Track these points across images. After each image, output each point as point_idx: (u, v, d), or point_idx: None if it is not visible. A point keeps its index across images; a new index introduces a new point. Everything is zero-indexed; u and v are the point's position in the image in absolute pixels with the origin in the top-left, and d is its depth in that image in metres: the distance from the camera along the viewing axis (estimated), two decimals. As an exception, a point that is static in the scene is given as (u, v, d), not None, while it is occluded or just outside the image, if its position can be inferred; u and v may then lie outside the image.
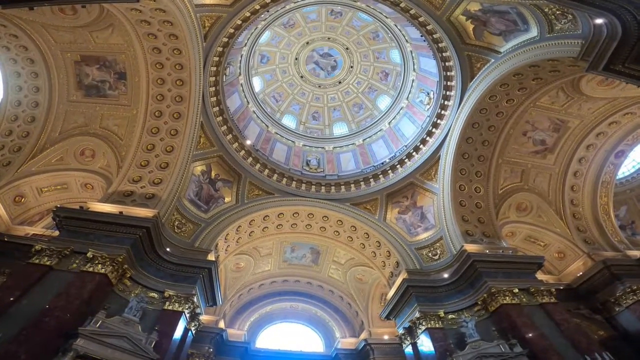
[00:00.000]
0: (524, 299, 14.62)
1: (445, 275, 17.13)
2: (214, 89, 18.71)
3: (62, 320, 11.40)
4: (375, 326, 23.98)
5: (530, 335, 13.11)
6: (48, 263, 12.56)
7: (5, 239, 15.64)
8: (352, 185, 21.62)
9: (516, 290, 14.71)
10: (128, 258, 13.54)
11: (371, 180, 21.47)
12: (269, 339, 26.68)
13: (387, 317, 19.10)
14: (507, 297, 14.56)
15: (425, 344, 15.41)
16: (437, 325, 15.41)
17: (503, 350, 12.85)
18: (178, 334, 14.47)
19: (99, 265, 12.79)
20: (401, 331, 17.60)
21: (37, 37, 15.80)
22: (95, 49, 16.39)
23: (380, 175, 21.34)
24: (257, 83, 25.34)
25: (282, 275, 25.41)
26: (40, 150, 17.27)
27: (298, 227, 21.41)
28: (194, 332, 16.48)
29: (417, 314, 16.12)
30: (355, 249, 21.82)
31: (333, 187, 21.69)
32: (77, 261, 12.81)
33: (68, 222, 13.75)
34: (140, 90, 17.25)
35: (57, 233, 13.90)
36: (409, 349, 16.91)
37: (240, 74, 22.71)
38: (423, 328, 15.65)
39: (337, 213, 20.87)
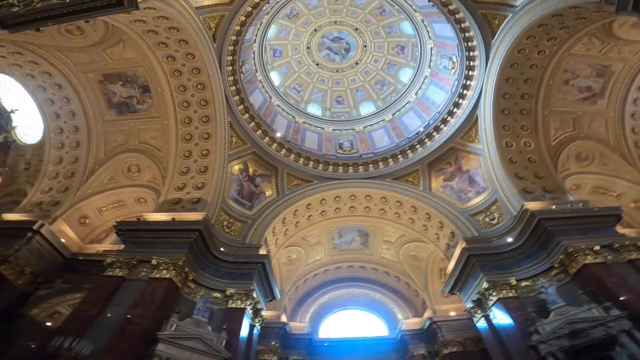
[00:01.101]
0: (609, 257, 13.34)
1: (510, 240, 16.05)
2: (234, 88, 18.99)
3: (143, 327, 12.16)
4: (438, 303, 23.36)
5: (626, 296, 11.84)
6: (120, 274, 13.60)
7: (80, 258, 17.16)
8: (390, 160, 21.21)
9: (597, 248, 13.41)
10: (187, 261, 14.22)
11: (408, 152, 20.95)
12: (331, 328, 26.96)
13: (451, 292, 18.36)
14: (589, 257, 13.29)
15: (500, 315, 14.48)
16: (510, 295, 14.37)
17: (597, 314, 11.59)
18: (245, 331, 15.03)
19: (164, 271, 13.57)
20: (469, 305, 16.78)
21: (55, 61, 16.46)
22: (114, 65, 16.97)
23: (417, 146, 20.77)
24: (275, 77, 25.58)
25: (334, 263, 25.44)
26: (92, 173, 18.40)
27: (342, 210, 21.31)
28: (259, 328, 17.08)
29: (485, 285, 15.29)
30: (404, 224, 21.35)
31: (370, 165, 21.37)
32: (144, 269, 13.75)
33: (130, 235, 14.81)
34: (166, 100, 17.77)
35: (122, 247, 14.99)
36: (481, 323, 15.98)
37: (256, 70, 22.91)
38: (494, 299, 14.73)
39: (379, 190, 20.60)
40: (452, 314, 22.12)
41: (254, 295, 15.62)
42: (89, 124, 18.41)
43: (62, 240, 17.16)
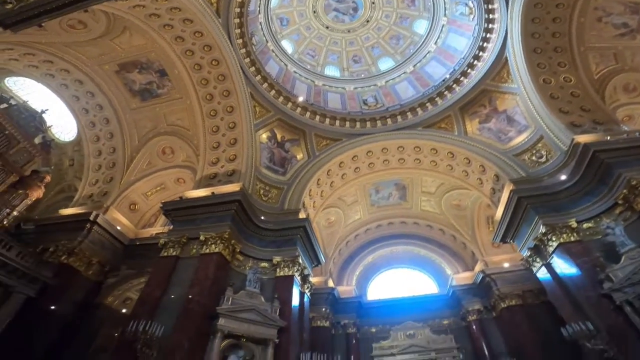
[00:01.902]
0: (680, 187, 11.82)
1: (563, 177, 14.82)
2: (248, 59, 18.94)
3: (202, 304, 12.86)
4: (489, 255, 22.40)
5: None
6: (174, 253, 14.32)
7: (137, 243, 18.44)
8: (418, 109, 20.55)
9: (664, 178, 11.91)
10: (232, 233, 14.67)
11: (437, 99, 20.24)
12: (378, 288, 27.07)
13: (503, 241, 17.30)
14: (656, 189, 11.80)
15: (563, 263, 13.38)
16: (572, 239, 13.15)
17: (675, 253, 10.38)
18: (295, 298, 15.53)
19: (213, 246, 14.08)
20: (526, 254, 15.64)
21: (68, 57, 16.77)
22: (125, 54, 17.11)
23: (446, 92, 20.05)
24: (287, 46, 25.04)
25: (374, 221, 25.31)
26: (130, 160, 19.32)
27: (375, 165, 21.04)
28: (308, 294, 17.66)
29: (542, 229, 14.20)
30: (442, 172, 20.67)
31: (399, 117, 20.81)
32: (194, 247, 14.36)
33: (176, 214, 15.46)
34: (184, 81, 17.86)
35: (171, 227, 15.67)
36: (542, 273, 14.90)
37: (267, 41, 22.44)
38: (554, 245, 13.63)
39: (411, 140, 20.06)
40: (506, 265, 21.13)
41: (300, 261, 15.96)
42: (118, 114, 18.97)
43: (118, 228, 18.45)
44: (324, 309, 22.40)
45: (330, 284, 23.35)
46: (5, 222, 16.17)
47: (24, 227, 18.05)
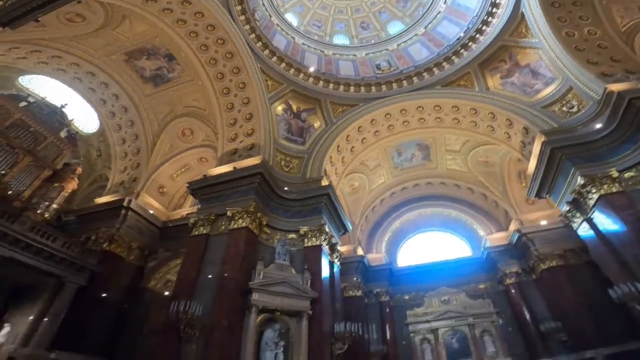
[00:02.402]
0: None
1: (598, 126, 14.01)
2: (254, 35, 18.75)
3: (235, 279, 13.27)
4: (523, 212, 21.47)
5: None
6: (204, 232, 14.76)
7: (170, 225, 19.35)
8: (434, 69, 19.91)
9: None
10: (257, 206, 14.90)
11: (453, 58, 19.53)
12: (409, 254, 26.79)
13: (538, 196, 16.61)
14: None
15: (605, 217, 12.68)
16: (613, 190, 12.37)
17: None
18: (325, 268, 15.72)
19: (240, 220, 14.38)
20: (564, 209, 14.90)
21: (75, 51, 17.02)
22: (130, 42, 17.20)
23: (462, 50, 19.33)
24: (291, 19, 24.46)
25: (398, 184, 24.93)
26: (153, 145, 19.94)
27: (395, 127, 20.66)
28: (338, 264, 17.87)
29: (580, 181, 13.52)
30: (466, 129, 20.00)
31: (414, 78, 20.19)
32: (223, 223, 14.73)
33: (202, 192, 15.86)
34: (193, 63, 17.90)
35: (199, 206, 16.16)
36: (583, 230, 14.15)
37: (270, 16, 21.95)
38: (595, 197, 12.89)
39: (430, 99, 19.48)
40: (543, 223, 20.19)
41: (326, 229, 16.09)
42: (134, 102, 19.39)
43: (151, 211, 19.41)
44: (355, 278, 22.51)
45: (360, 252, 23.39)
46: (46, 215, 17.15)
47: (65, 218, 19.31)
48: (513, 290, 21.72)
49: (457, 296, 23.46)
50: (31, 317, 15.50)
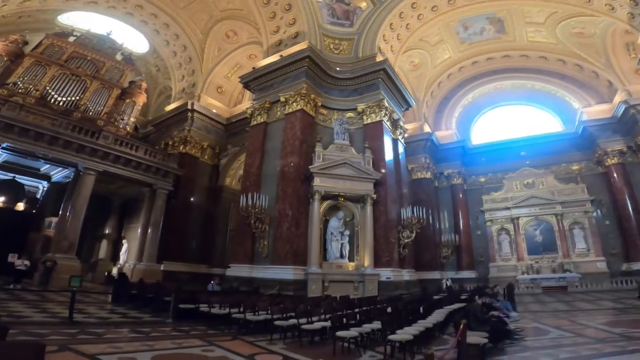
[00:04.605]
0: None
1: None
2: None
3: (296, 164, 13.39)
4: (632, 83, 17.69)
5: None
6: (262, 120, 15.20)
7: (234, 121, 20.55)
8: None
9: None
10: (309, 88, 14.62)
11: None
12: (484, 131, 24.10)
13: None
14: None
15: None
16: None
17: None
18: (388, 145, 15.16)
19: (294, 104, 14.29)
20: None
21: None
22: None
23: None
24: None
25: (467, 58, 21.83)
26: (202, 52, 20.40)
27: (456, 1, 17.38)
28: (402, 141, 17.05)
29: None
30: (552, 0, 16.24)
31: None
32: (278, 109, 14.93)
33: (254, 84, 16.08)
34: None
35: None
36: None
37: None
38: None
39: None
40: None
41: (386, 104, 15.32)
42: (173, 17, 19.47)
43: (214, 110, 20.85)
44: (423, 159, 21.05)
45: (426, 129, 21.71)
46: (128, 129, 19.02)
47: (143, 130, 21.43)
48: (615, 174, 18.54)
49: (544, 179, 20.75)
50: (139, 230, 18.35)
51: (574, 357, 4.91)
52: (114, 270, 17.49)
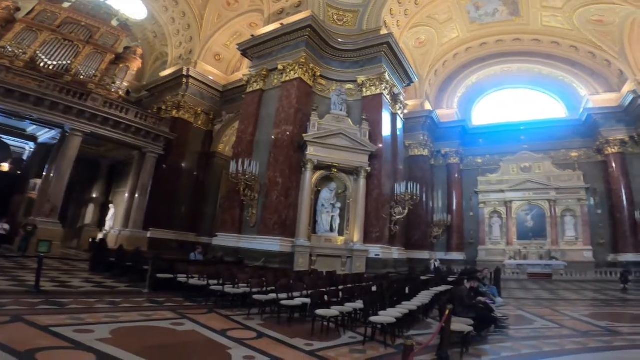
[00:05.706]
0: None
1: None
2: None
3: (290, 133, 12.84)
4: None
5: None
6: (258, 87, 14.60)
7: (230, 88, 19.92)
8: None
9: None
10: (309, 57, 13.91)
11: None
12: (485, 112, 23.41)
13: None
14: None
15: None
16: None
17: None
18: (386, 119, 14.56)
19: (292, 72, 13.65)
20: None
21: None
22: None
23: None
24: None
25: (476, 39, 20.79)
26: (201, 18, 19.49)
27: None
28: (401, 116, 16.37)
29: None
30: None
31: None
32: (275, 77, 14.30)
33: (252, 52, 15.33)
34: None
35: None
36: None
37: None
38: None
39: None
40: None
41: (387, 78, 14.64)
42: None
43: (210, 77, 20.16)
44: (421, 136, 20.54)
45: (427, 106, 20.95)
46: (120, 92, 18.59)
47: (136, 95, 20.57)
48: (613, 163, 18.22)
49: (541, 164, 20.37)
50: (126, 195, 17.75)
51: (558, 350, 4.66)
52: (100, 237, 16.79)
